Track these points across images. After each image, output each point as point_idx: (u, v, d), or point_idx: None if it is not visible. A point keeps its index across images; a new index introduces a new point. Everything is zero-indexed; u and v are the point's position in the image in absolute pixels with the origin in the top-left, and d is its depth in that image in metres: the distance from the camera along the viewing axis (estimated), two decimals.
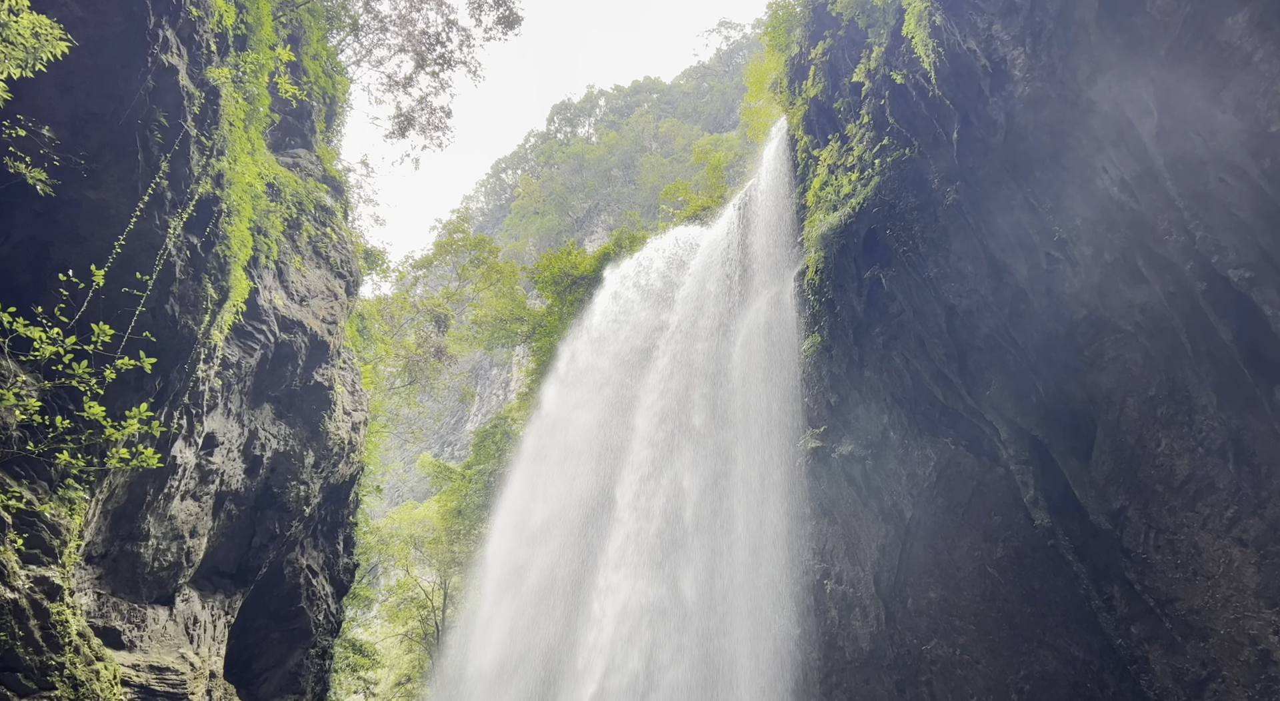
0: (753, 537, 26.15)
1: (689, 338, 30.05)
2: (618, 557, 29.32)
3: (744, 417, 26.95)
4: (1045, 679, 16.72)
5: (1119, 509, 14.85)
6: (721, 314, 28.96)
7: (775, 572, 25.31)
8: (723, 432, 27.58)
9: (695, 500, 27.70)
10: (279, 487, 22.16)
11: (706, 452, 28.01)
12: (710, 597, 26.85)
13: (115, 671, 15.26)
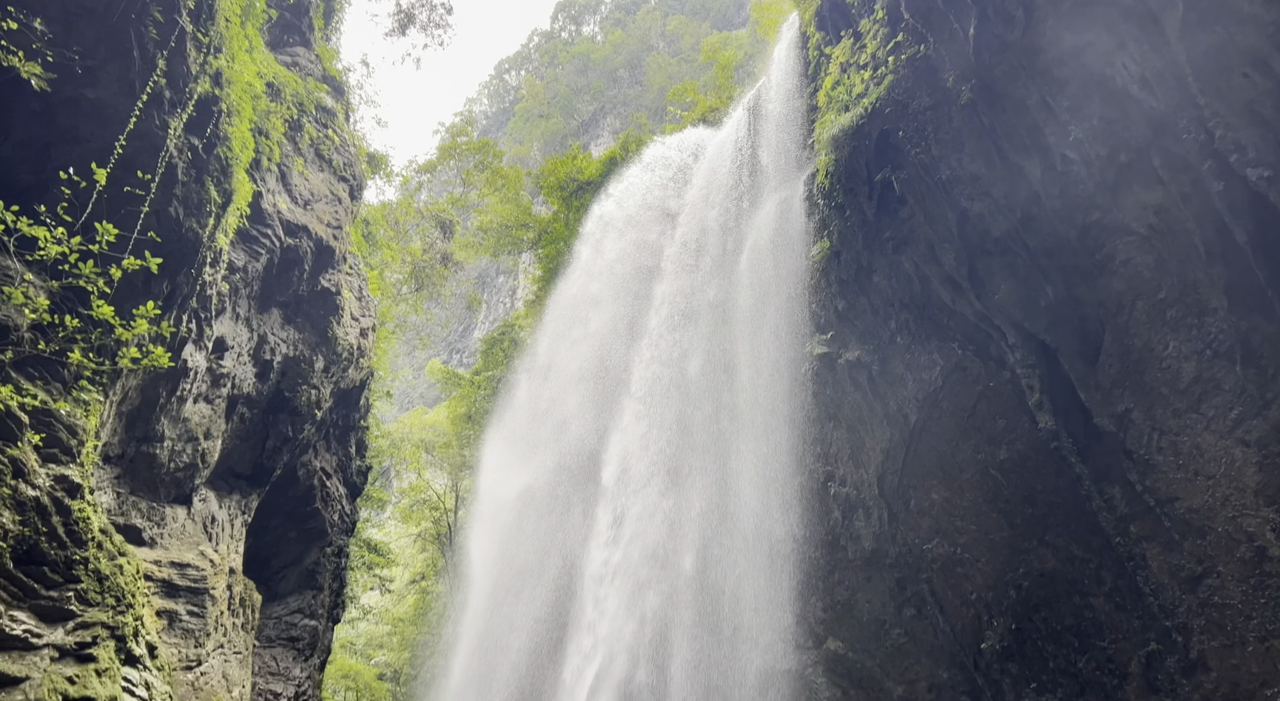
0: (757, 440, 26.50)
1: (697, 243, 29.85)
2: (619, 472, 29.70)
3: (751, 324, 26.98)
4: (1044, 576, 17.12)
5: (1123, 411, 14.95)
6: (729, 219, 28.68)
7: (780, 476, 25.72)
8: (730, 343, 27.68)
9: (699, 396, 27.97)
10: (290, 392, 22.40)
11: (714, 359, 28.15)
12: (716, 499, 27.33)
13: (138, 566, 15.72)
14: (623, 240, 33.99)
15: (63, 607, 13.29)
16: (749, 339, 26.94)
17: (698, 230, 30.31)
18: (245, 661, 20.33)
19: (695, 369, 28.78)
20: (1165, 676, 14.51)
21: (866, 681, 23.47)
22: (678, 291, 30.45)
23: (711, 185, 30.62)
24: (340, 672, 34.42)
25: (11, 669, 12.31)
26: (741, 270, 27.46)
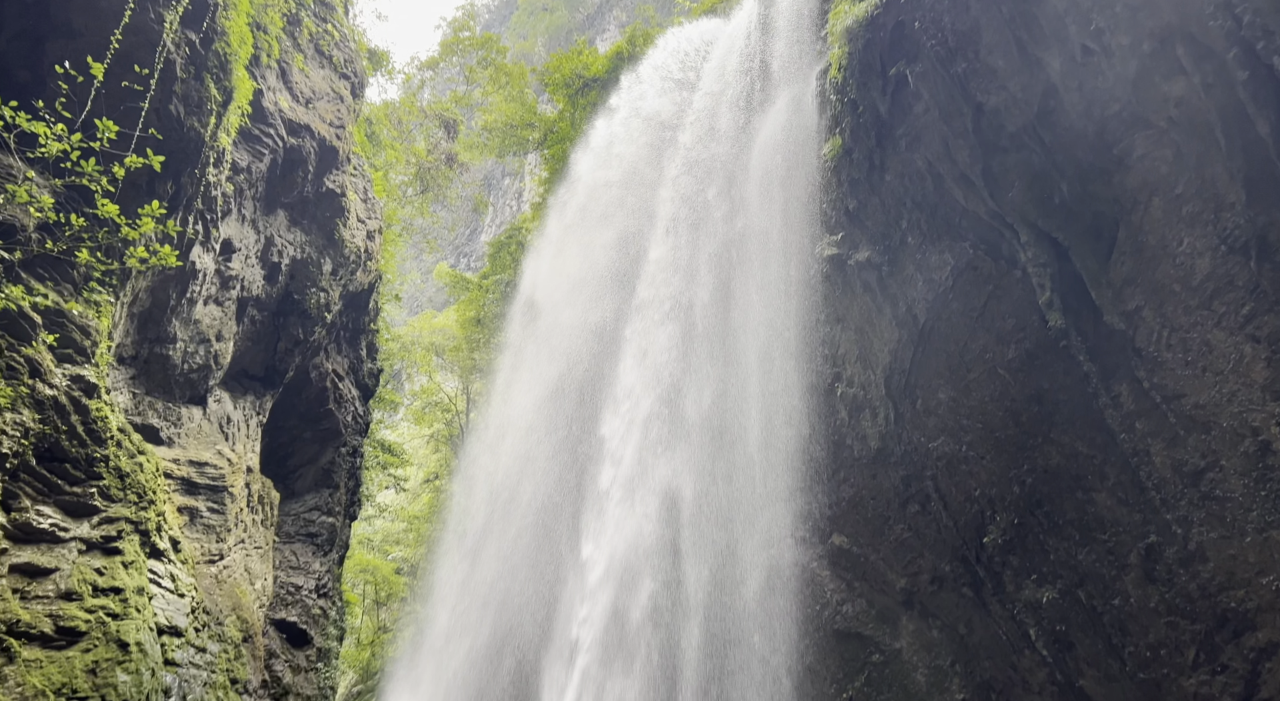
0: (765, 344, 26.59)
1: (706, 139, 29.33)
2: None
3: (762, 224, 26.75)
4: (1048, 472, 17.36)
5: (1134, 309, 14.90)
6: (739, 115, 28.10)
7: (786, 376, 25.90)
8: (739, 246, 27.50)
9: (707, 299, 27.97)
10: (299, 294, 22.43)
11: (722, 259, 28.01)
12: (723, 403, 27.59)
13: (157, 464, 16.07)
14: (632, 145, 33.48)
15: (87, 503, 13.64)
16: (758, 241, 26.74)
17: (706, 129, 29.78)
18: (266, 556, 20.95)
19: (703, 268, 28.68)
20: (1164, 567, 14.86)
21: (870, 574, 24.10)
22: (685, 196, 30.13)
23: (720, 81, 29.92)
24: (359, 567, 35.53)
25: (42, 560, 12.71)
26: (751, 170, 27.07)
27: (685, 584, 27.54)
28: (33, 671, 11.98)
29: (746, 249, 27.08)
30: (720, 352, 28.07)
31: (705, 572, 27.52)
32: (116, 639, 13.61)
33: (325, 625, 24.72)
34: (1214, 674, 14.32)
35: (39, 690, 11.92)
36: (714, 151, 28.89)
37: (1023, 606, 18.32)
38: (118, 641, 13.62)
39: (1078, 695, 17.50)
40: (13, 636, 11.83)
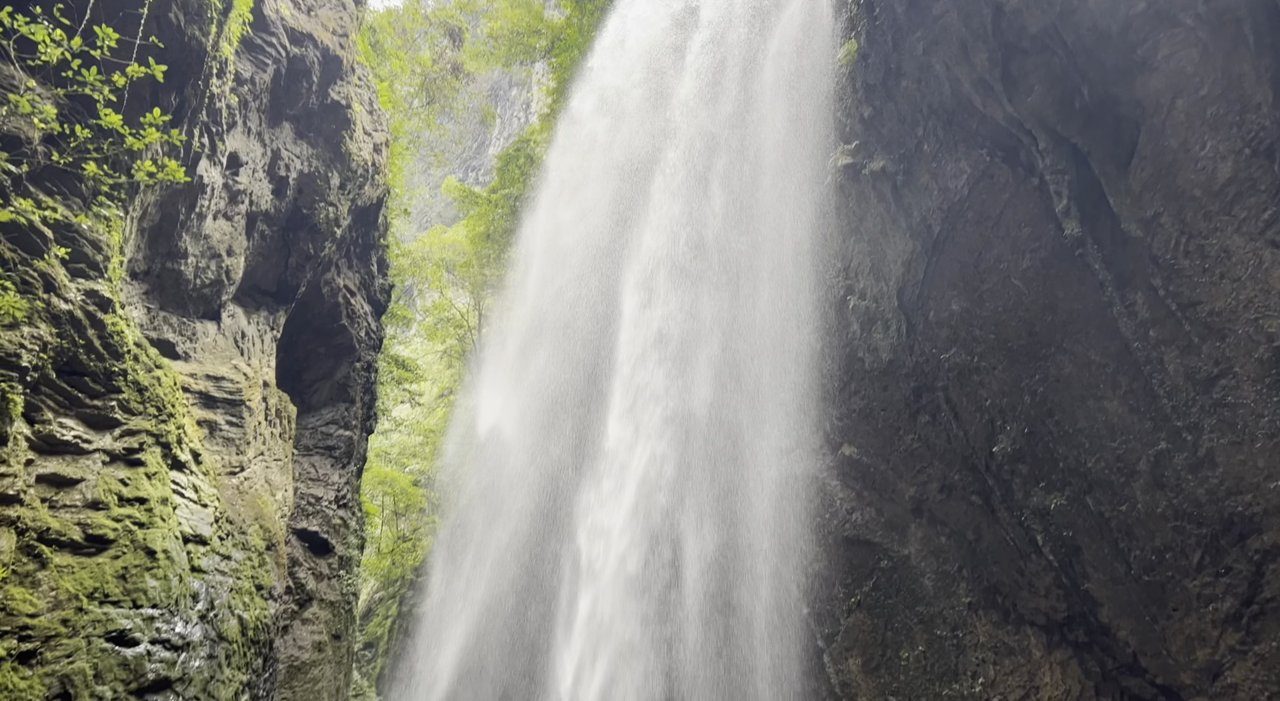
0: (777, 258, 26.46)
1: (716, 45, 28.66)
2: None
3: (775, 134, 26.33)
4: (1059, 381, 17.38)
5: (1152, 215, 14.68)
6: (753, 19, 27.37)
7: (798, 289, 25.83)
8: (752, 157, 27.15)
9: (720, 213, 27.82)
10: (308, 209, 22.30)
11: (735, 171, 27.70)
12: (734, 309, 27.59)
13: (175, 378, 16.25)
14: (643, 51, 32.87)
15: (108, 416, 13.85)
16: (772, 152, 26.36)
17: (718, 34, 29.07)
18: (286, 468, 21.34)
19: (715, 183, 28.40)
20: (1172, 473, 14.99)
21: (880, 483, 24.43)
22: (694, 107, 29.66)
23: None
24: (377, 479, 36.23)
25: (68, 471, 12.98)
26: (764, 79, 26.50)
27: (698, 486, 28.07)
28: (65, 576, 12.36)
29: (759, 161, 26.73)
30: (733, 268, 27.99)
31: (719, 481, 28.01)
32: (144, 546, 13.98)
33: (346, 534, 25.33)
34: (1218, 576, 14.57)
35: (72, 594, 12.31)
36: (726, 58, 28.28)
37: (1031, 513, 18.58)
38: (145, 549, 14.00)
39: (1083, 597, 17.87)
40: (44, 543, 12.16)
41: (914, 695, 22.75)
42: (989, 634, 21.30)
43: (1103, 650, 18.39)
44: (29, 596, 11.70)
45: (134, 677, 12.97)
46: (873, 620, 24.36)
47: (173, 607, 14.28)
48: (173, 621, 14.25)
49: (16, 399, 11.69)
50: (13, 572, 11.46)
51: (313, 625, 23.46)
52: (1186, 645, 15.29)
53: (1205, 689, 15.02)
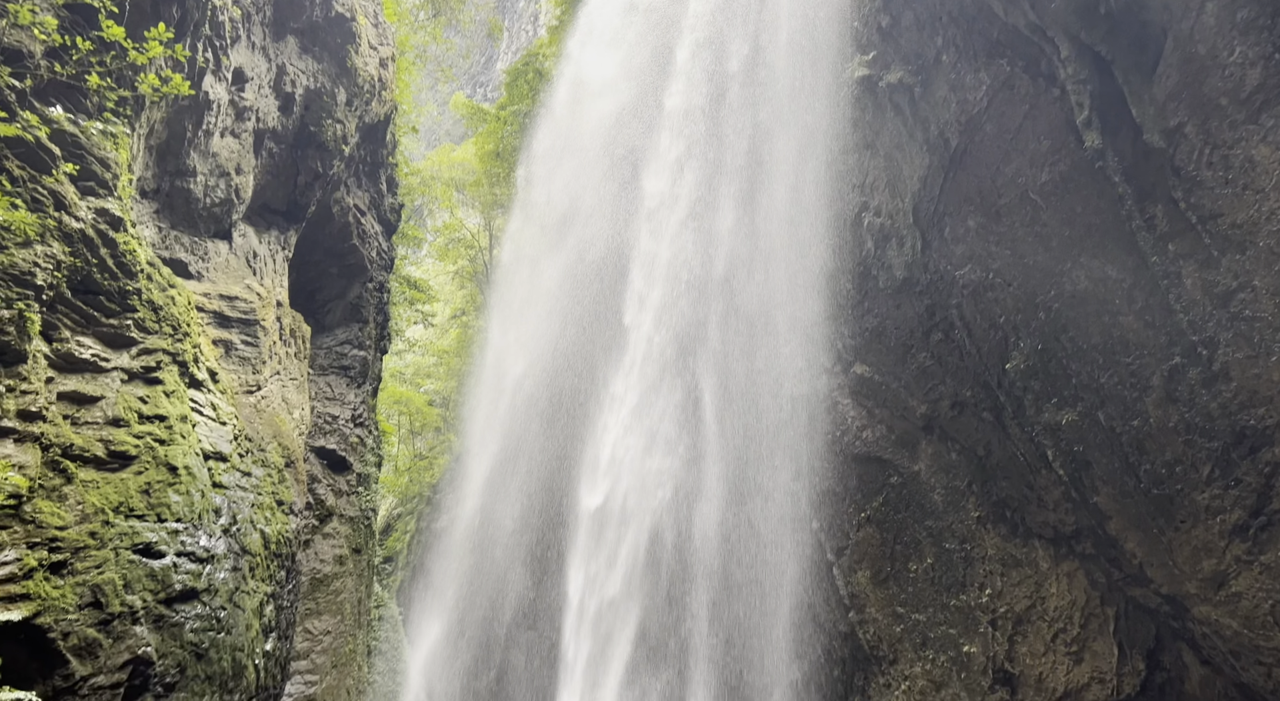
0: (793, 174, 26.13)
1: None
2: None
3: (790, 45, 25.74)
4: (1075, 297, 17.27)
5: (1176, 125, 14.35)
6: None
7: (813, 206, 25.55)
8: (768, 68, 26.60)
9: (735, 122, 27.53)
10: (315, 126, 22.01)
11: (749, 80, 27.19)
12: (748, 228, 27.37)
13: (189, 298, 16.30)
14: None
15: (124, 335, 13.94)
16: (787, 62, 25.80)
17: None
18: (302, 387, 21.55)
19: (733, 95, 27.92)
20: (1185, 388, 14.99)
21: (891, 402, 24.53)
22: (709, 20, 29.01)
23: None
24: (392, 399, 36.63)
25: (87, 389, 13.14)
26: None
27: (709, 402, 28.33)
28: (90, 491, 12.62)
29: (775, 73, 26.18)
30: (748, 186, 27.69)
31: (732, 402, 28.20)
32: (166, 463, 14.23)
33: (363, 452, 25.70)
34: (1227, 488, 14.70)
35: (98, 508, 12.59)
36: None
37: (1042, 429, 18.68)
38: (167, 465, 14.24)
39: (1092, 511, 18.09)
40: (68, 459, 12.38)
41: (922, 605, 23.27)
42: (997, 547, 21.66)
43: (1109, 561, 18.69)
44: (57, 510, 11.98)
45: (162, 588, 13.34)
46: (882, 534, 24.77)
47: (196, 522, 14.60)
48: (196, 535, 14.58)
49: (34, 317, 11.76)
50: (40, 487, 11.71)
51: (333, 539, 24.01)
52: (1193, 556, 15.51)
53: (1210, 597, 15.29)
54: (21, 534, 11.41)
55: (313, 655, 22.39)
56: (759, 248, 26.99)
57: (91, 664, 11.84)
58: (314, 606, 22.91)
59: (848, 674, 25.37)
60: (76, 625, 11.71)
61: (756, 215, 26.96)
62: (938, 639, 22.67)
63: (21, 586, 11.18)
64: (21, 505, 11.41)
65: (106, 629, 12.14)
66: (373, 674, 25.52)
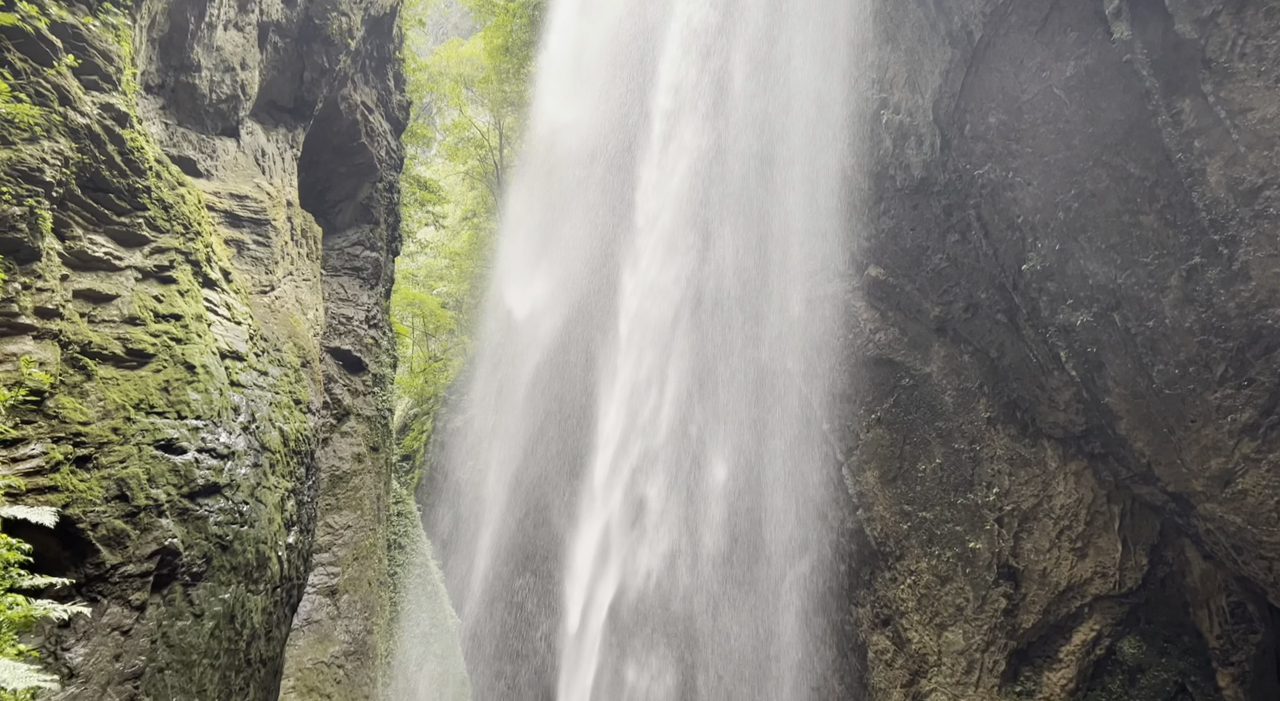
0: (812, 69, 25.47)
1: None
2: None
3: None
4: (1095, 196, 16.97)
5: (1210, 15, 13.81)
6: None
7: (830, 102, 24.99)
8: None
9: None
10: (320, 19, 21.44)
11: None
12: (762, 124, 26.88)
13: (199, 196, 16.19)
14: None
15: (136, 233, 13.91)
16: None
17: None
18: (315, 288, 21.56)
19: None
20: (1204, 287, 14.84)
21: (905, 304, 24.45)
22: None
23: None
24: (405, 301, 36.65)
25: (102, 287, 13.19)
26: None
27: (724, 292, 28.38)
28: (110, 388, 12.80)
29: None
30: (766, 81, 27.05)
31: (749, 306, 28.20)
32: (183, 361, 14.38)
33: (378, 353, 25.91)
34: (1240, 388, 14.71)
35: (119, 404, 12.80)
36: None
37: (1056, 330, 18.63)
38: (184, 363, 14.40)
39: (1102, 411, 18.18)
40: (87, 356, 12.52)
41: (929, 504, 23.70)
42: (1006, 447, 21.90)
43: (1117, 461, 18.88)
44: (79, 406, 12.17)
45: (185, 482, 13.65)
46: (891, 435, 25.06)
47: (216, 419, 14.83)
48: (216, 432, 14.83)
49: (45, 214, 11.72)
50: (61, 383, 11.88)
51: (351, 438, 24.43)
52: (1201, 454, 15.64)
53: (1215, 495, 15.48)
54: (46, 429, 11.64)
55: (334, 548, 23.08)
56: (775, 146, 26.53)
57: (121, 553, 12.22)
58: (334, 502, 23.49)
59: (854, 569, 26.03)
60: (104, 517, 12.04)
61: (772, 108, 26.43)
62: (944, 536, 23.16)
63: (49, 479, 11.46)
64: (44, 401, 11.59)
65: (133, 521, 12.48)
66: (393, 566, 26.33)
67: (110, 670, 11.76)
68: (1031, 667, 21.17)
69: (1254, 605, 17.85)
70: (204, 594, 13.65)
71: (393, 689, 24.53)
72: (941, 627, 22.58)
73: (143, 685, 12.17)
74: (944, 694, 21.94)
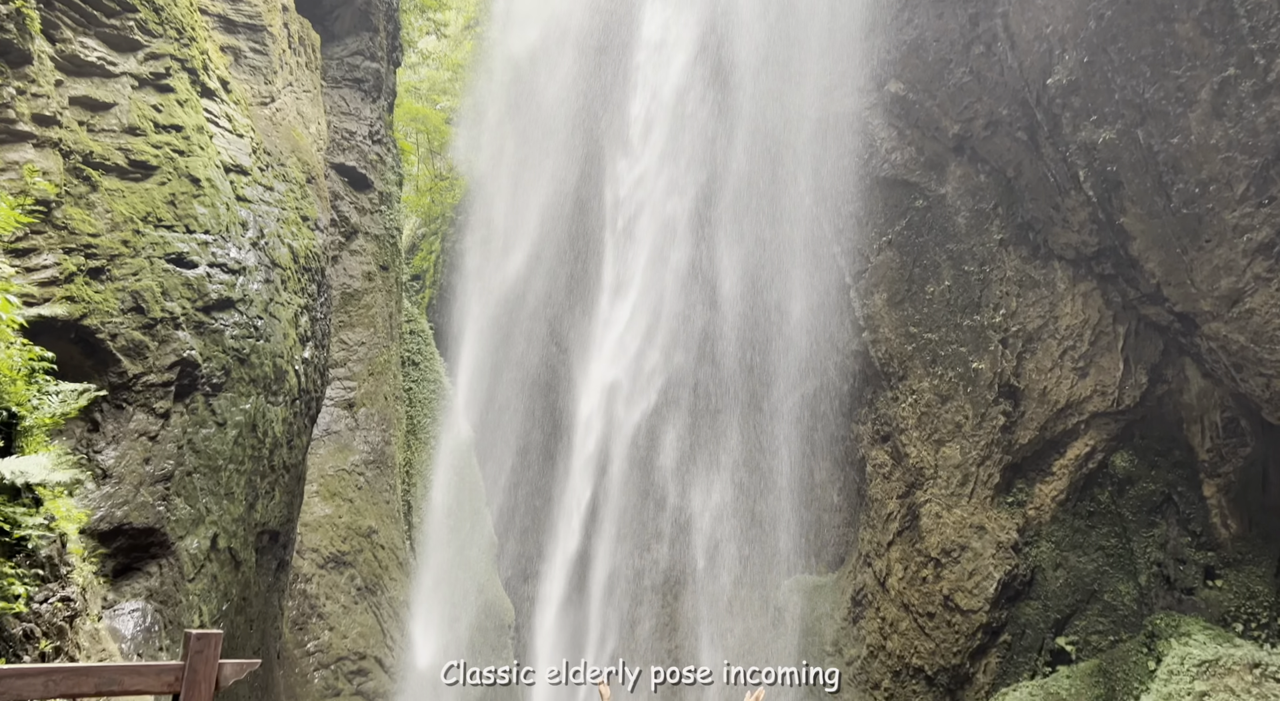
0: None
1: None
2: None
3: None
4: (1129, 3, 16.10)
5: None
6: None
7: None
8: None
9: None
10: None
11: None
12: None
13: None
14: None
15: (128, 37, 13.43)
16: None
17: None
18: (316, 100, 20.96)
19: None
20: (1234, 101, 14.33)
21: (923, 121, 23.75)
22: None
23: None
24: (409, 116, 35.54)
25: (99, 94, 12.86)
26: None
27: (739, 128, 27.70)
28: (117, 200, 12.70)
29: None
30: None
31: (762, 136, 27.49)
32: (187, 174, 14.19)
33: (383, 170, 25.51)
34: (1259, 206, 14.47)
35: (127, 217, 12.74)
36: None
37: (1077, 148, 18.16)
38: (189, 176, 14.22)
39: (1116, 231, 18.00)
40: (90, 166, 12.35)
41: (935, 325, 23.89)
42: (1016, 268, 21.83)
43: (1127, 281, 18.87)
44: (86, 217, 12.12)
45: (198, 296, 13.78)
46: (902, 257, 24.92)
47: (224, 234, 14.79)
48: (226, 246, 14.83)
49: (32, 14, 11.26)
50: (66, 193, 11.78)
51: (360, 256, 24.46)
52: (1212, 274, 15.59)
53: (1222, 314, 15.56)
54: (56, 239, 11.65)
55: (349, 364, 23.60)
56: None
57: (141, 363, 12.51)
58: (347, 319, 23.81)
59: (857, 389, 26.59)
60: (122, 328, 12.24)
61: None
62: (948, 356, 23.48)
63: (65, 290, 11.57)
64: (52, 211, 11.54)
65: (151, 332, 12.70)
66: (408, 382, 27.00)
67: (141, 472, 12.30)
68: (1024, 480, 21.98)
69: (1247, 420, 18.29)
70: (225, 404, 14.07)
71: (413, 495, 25.73)
72: (939, 443, 23.28)
73: (173, 486, 12.76)
74: (938, 504, 22.90)
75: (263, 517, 15.47)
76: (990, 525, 21.75)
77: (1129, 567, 20.19)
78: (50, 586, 8.39)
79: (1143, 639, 18.65)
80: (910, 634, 22.75)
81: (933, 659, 22.10)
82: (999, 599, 21.20)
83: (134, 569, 12.22)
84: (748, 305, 28.83)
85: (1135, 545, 20.13)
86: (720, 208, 29.10)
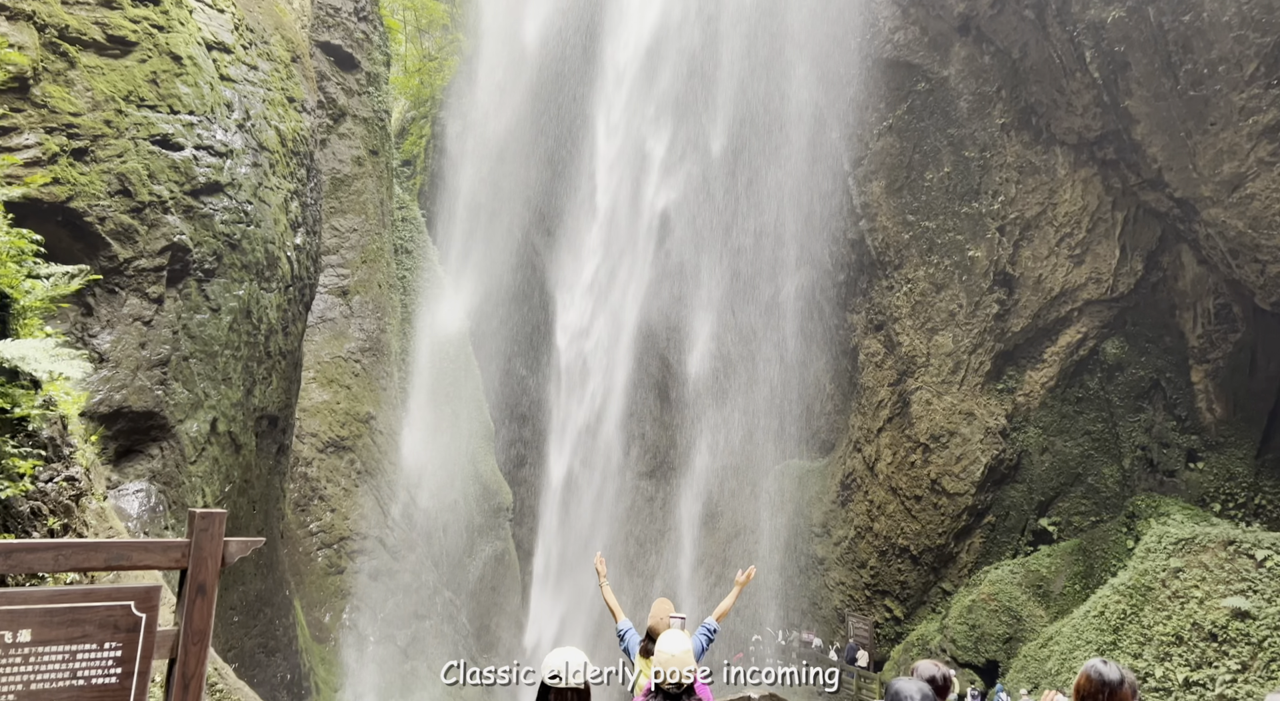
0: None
1: None
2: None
3: None
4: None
5: None
6: None
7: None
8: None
9: None
10: None
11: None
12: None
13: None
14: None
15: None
16: None
17: None
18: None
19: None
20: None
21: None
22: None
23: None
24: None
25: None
26: None
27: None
28: (96, 77, 12.31)
29: None
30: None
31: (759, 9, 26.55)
32: (168, 51, 13.72)
33: (370, 49, 24.70)
34: (1268, 87, 14.16)
35: (108, 96, 12.37)
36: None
37: (1085, 27, 17.62)
38: (170, 53, 13.75)
39: (1120, 115, 17.66)
40: (67, 41, 11.92)
41: (932, 213, 23.67)
42: (1017, 154, 21.49)
43: (1128, 167, 18.62)
44: (66, 95, 11.77)
45: (186, 179, 13.53)
46: (901, 143, 24.48)
47: (209, 115, 14.41)
48: (212, 128, 14.46)
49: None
50: (44, 69, 11.40)
51: (349, 140, 23.93)
52: (1215, 159, 15.38)
53: (1223, 199, 15.42)
54: (36, 117, 11.34)
55: (342, 251, 23.40)
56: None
57: (131, 248, 12.39)
58: (338, 205, 23.49)
59: (852, 278, 26.54)
60: (110, 211, 12.07)
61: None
62: (944, 245, 23.36)
63: (49, 171, 11.34)
64: (30, 88, 11.20)
65: (140, 216, 12.53)
66: (401, 270, 26.85)
67: (138, 356, 12.34)
68: (1015, 367, 22.22)
69: (1239, 306, 18.37)
70: (219, 290, 14.01)
71: (410, 383, 25.94)
72: (933, 331, 23.41)
73: (170, 370, 12.82)
74: (929, 391, 23.19)
75: (261, 403, 15.62)
76: (980, 411, 22.08)
77: (1114, 451, 20.62)
78: (54, 466, 8.51)
79: (1123, 519, 19.21)
80: (897, 516, 23.39)
81: (918, 539, 22.79)
82: (985, 482, 21.72)
83: (136, 451, 12.41)
84: (754, 199, 28.65)
85: (1121, 430, 20.50)
86: (718, 87, 28.47)
